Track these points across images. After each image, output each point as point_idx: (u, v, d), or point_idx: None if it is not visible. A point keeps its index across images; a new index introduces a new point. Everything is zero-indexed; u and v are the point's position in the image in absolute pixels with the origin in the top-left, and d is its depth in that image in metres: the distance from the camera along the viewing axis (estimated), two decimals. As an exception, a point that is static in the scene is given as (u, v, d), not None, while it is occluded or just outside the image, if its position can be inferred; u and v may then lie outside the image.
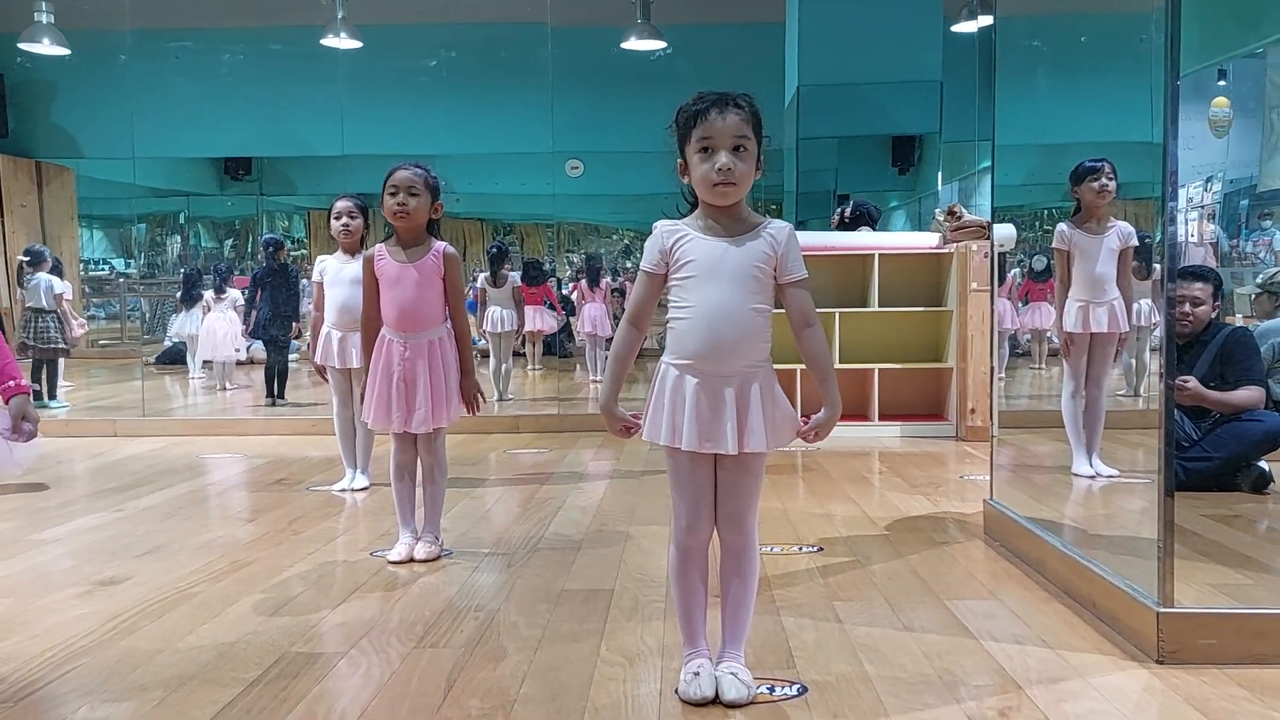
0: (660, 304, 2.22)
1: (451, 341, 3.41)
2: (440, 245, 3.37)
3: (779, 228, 2.14)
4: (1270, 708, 2.14)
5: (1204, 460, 4.20)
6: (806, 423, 2.17)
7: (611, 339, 9.78)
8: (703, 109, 2.08)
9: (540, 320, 9.40)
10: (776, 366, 2.17)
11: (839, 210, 7.43)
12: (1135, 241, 4.33)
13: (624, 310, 2.25)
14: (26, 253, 8.16)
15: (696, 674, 2.20)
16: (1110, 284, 4.33)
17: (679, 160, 2.15)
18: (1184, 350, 4.33)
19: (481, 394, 3.43)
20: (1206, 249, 9.61)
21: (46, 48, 10.11)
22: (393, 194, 3.27)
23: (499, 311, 8.04)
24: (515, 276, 8.43)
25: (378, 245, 3.41)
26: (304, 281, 9.16)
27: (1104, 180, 4.27)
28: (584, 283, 9.90)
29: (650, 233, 2.18)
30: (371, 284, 3.38)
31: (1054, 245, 4.44)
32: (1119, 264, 4.31)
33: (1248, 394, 4.21)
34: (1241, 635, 2.38)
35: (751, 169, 2.10)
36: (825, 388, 2.17)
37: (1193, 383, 4.18)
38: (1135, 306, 4.51)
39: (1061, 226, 4.41)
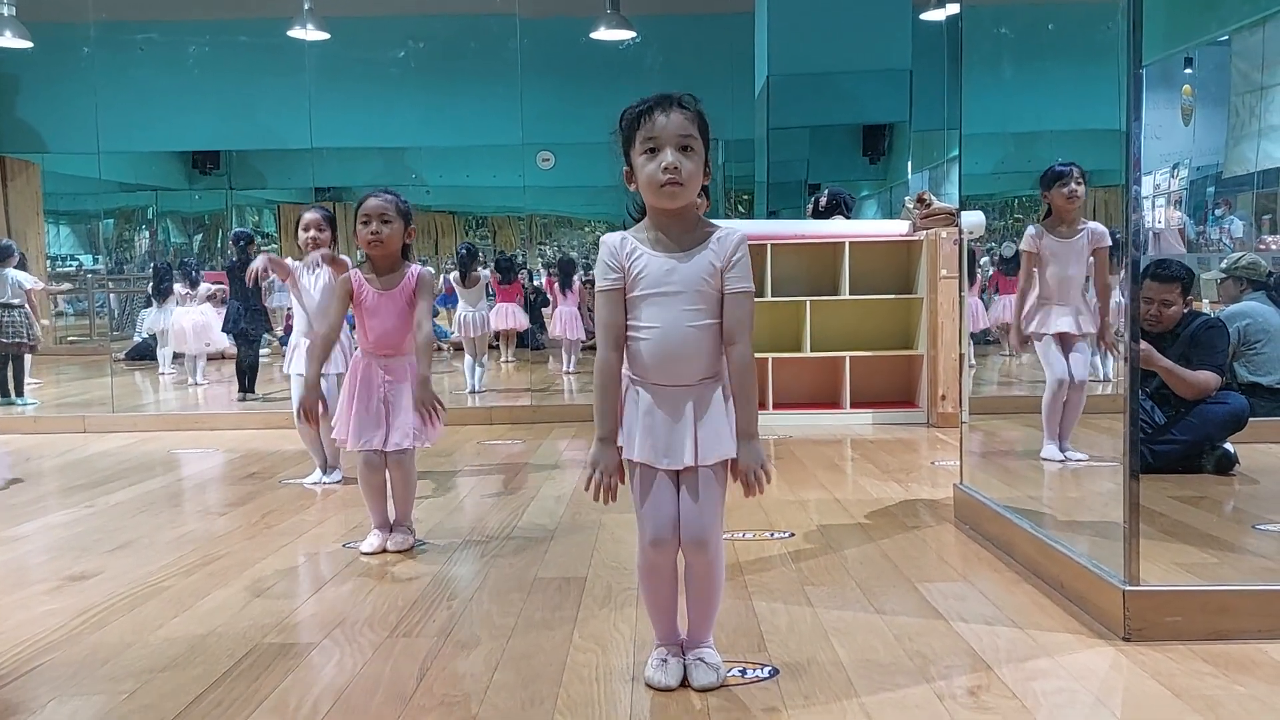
0: None
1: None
2: (414, 269, 3.36)
3: (727, 236, 2.07)
4: (1234, 681, 2.17)
5: (1170, 443, 4.25)
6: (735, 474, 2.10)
7: (581, 342, 9.63)
8: (646, 109, 2.02)
9: (512, 318, 9.36)
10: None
11: (814, 199, 7.45)
12: (1108, 242, 4.28)
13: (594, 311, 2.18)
14: None
15: (664, 660, 2.21)
16: (1077, 288, 4.34)
17: (624, 167, 2.09)
18: (1156, 338, 4.36)
19: (440, 404, 3.27)
20: (1160, 236, 9.69)
21: (9, 40, 9.96)
22: (365, 223, 3.25)
23: (470, 313, 7.99)
24: (486, 273, 8.39)
25: (354, 270, 3.39)
26: (276, 280, 9.08)
27: (1073, 185, 4.27)
28: (556, 285, 9.78)
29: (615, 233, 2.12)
30: (344, 302, 3.35)
31: (1022, 247, 4.45)
32: (1096, 266, 4.31)
33: (1201, 375, 4.25)
34: (1206, 612, 2.41)
35: (699, 170, 2.03)
36: (738, 407, 2.08)
37: (1146, 345, 4.17)
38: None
39: (1031, 229, 4.41)
